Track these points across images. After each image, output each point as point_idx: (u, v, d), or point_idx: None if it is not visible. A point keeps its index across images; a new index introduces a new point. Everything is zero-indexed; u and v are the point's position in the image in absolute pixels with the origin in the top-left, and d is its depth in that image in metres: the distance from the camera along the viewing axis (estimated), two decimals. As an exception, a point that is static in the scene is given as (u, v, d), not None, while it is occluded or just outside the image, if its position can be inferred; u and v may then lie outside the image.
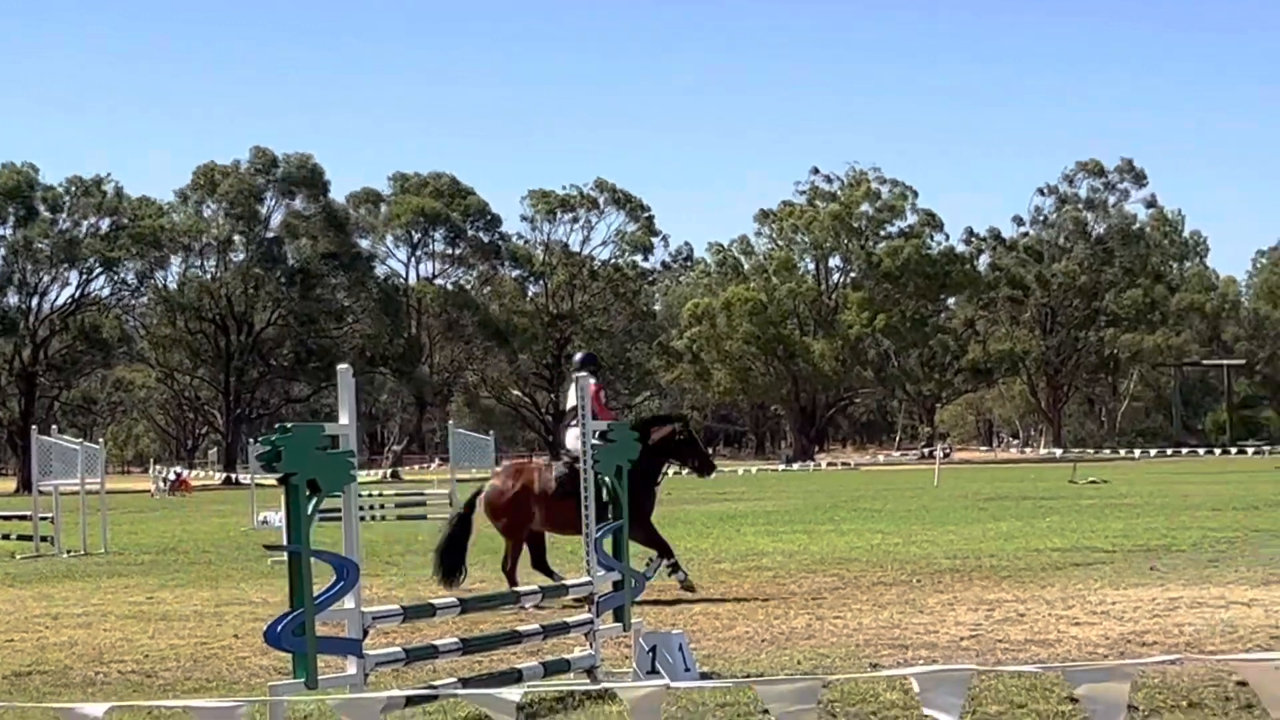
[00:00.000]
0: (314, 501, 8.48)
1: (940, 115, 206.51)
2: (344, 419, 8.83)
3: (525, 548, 18.08)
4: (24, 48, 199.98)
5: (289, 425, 8.51)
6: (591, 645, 10.83)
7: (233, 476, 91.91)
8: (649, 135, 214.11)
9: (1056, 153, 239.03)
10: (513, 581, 17.17)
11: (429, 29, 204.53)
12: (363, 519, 34.91)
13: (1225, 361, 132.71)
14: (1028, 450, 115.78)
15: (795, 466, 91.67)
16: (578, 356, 19.57)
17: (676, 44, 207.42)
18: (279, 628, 8.44)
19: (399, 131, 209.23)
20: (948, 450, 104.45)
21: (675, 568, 17.56)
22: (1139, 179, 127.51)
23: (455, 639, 10.23)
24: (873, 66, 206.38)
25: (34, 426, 34.29)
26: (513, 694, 6.44)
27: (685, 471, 19.11)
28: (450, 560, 17.70)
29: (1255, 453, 79.72)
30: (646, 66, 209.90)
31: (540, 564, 18.10)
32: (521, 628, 10.84)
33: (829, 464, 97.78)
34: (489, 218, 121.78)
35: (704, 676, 11.13)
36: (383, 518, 38.04)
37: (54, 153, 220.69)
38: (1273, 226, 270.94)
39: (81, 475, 29.82)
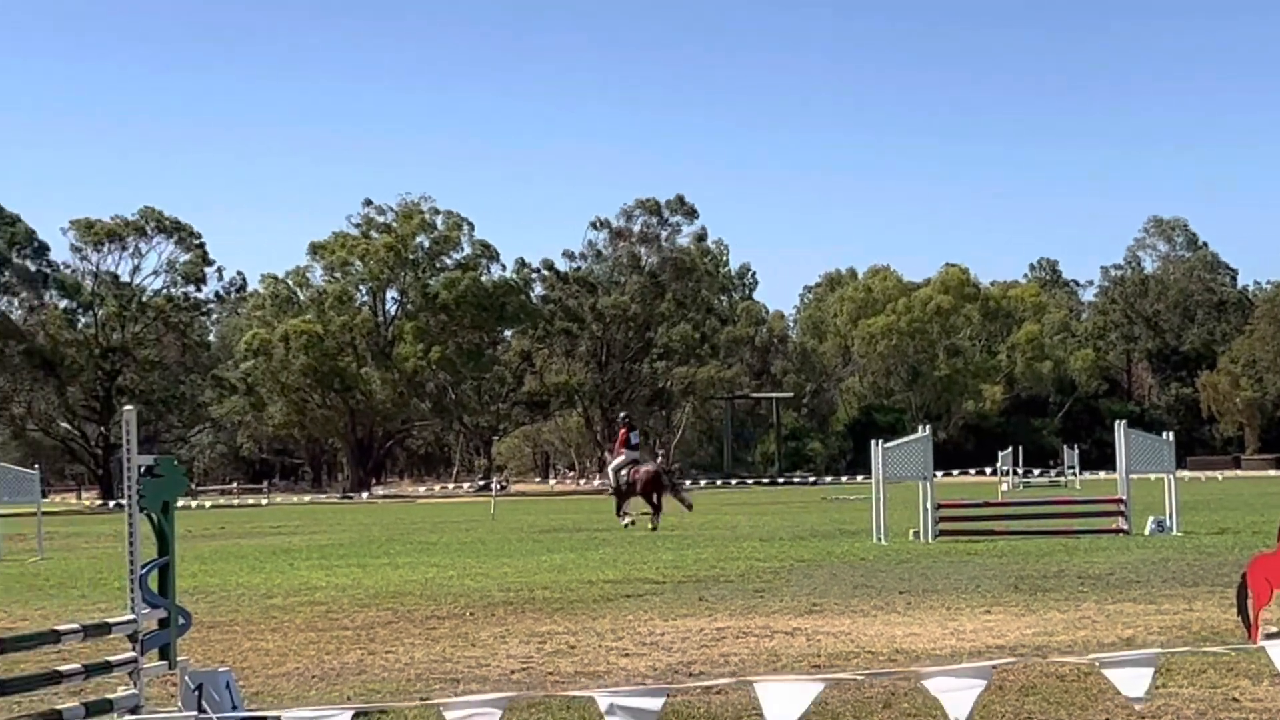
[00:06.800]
0: None
1: (486, 146, 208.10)
2: None
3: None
4: None
5: None
6: (136, 684, 10.56)
7: None
8: (200, 161, 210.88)
9: (607, 189, 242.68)
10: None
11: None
12: (-102, 557, 33.75)
13: (774, 394, 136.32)
14: (583, 482, 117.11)
15: (352, 499, 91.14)
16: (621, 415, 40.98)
17: (221, 68, 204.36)
18: None
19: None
20: (504, 483, 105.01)
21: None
22: (690, 214, 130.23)
23: (-9, 681, 9.86)
24: (424, 96, 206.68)
25: None
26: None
27: None
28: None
29: (802, 483, 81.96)
30: (191, 90, 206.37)
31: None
32: (63, 668, 10.51)
33: (386, 497, 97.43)
34: (36, 245, 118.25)
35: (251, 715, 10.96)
36: (-80, 555, 36.76)
37: None
38: (818, 263, 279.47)
39: None
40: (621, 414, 44.38)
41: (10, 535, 39.98)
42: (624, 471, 39.51)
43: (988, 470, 70.86)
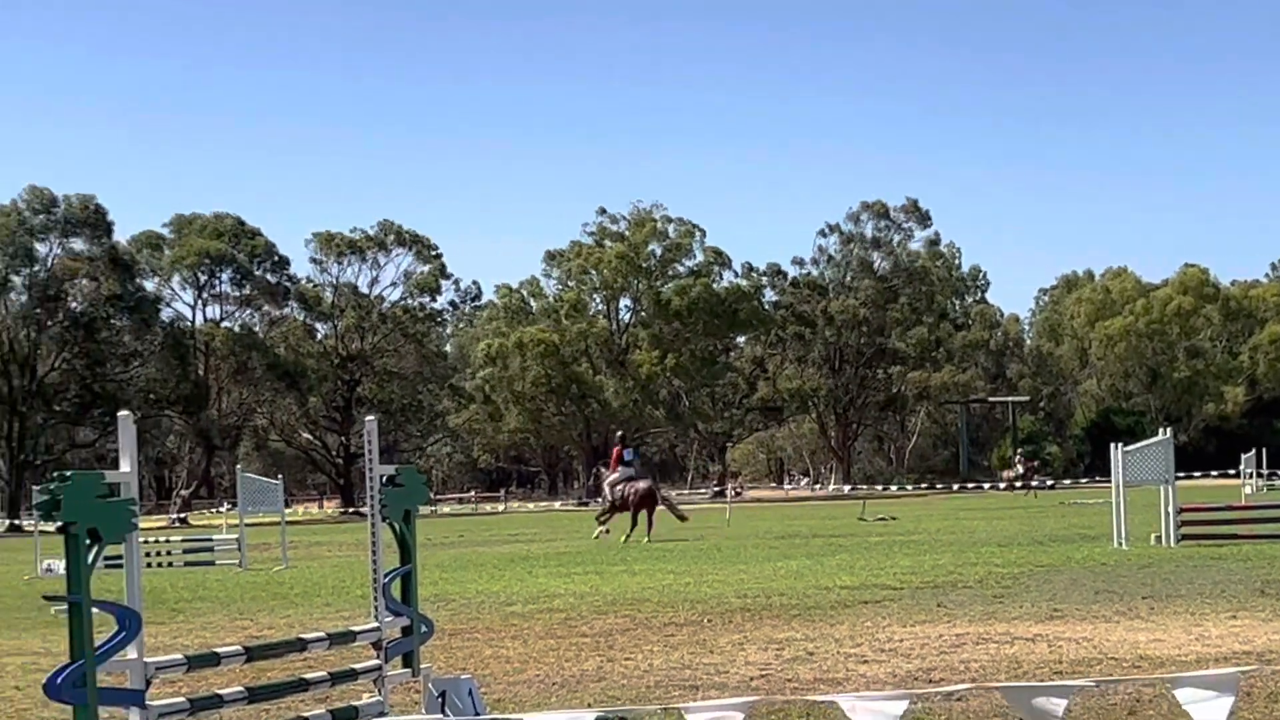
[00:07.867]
0: (95, 550, 8.30)
1: (722, 152, 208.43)
2: (125, 466, 8.67)
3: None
4: None
5: (68, 473, 8.33)
6: (380, 691, 10.71)
7: (17, 523, 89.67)
8: (435, 174, 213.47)
9: (832, 194, 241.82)
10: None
11: (207, 67, 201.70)
12: (149, 566, 34.59)
13: (1010, 398, 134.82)
14: (818, 488, 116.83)
15: (588, 506, 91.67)
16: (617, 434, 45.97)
17: (454, 82, 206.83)
18: (59, 679, 8.23)
19: (182, 172, 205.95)
20: (739, 489, 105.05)
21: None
22: (923, 219, 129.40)
23: (241, 688, 10.04)
24: (655, 103, 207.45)
25: None
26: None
27: None
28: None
29: (1040, 487, 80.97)
30: (426, 103, 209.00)
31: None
32: (309, 675, 10.69)
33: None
34: (276, 259, 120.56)
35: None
36: (170, 564, 37.66)
37: None
38: (1053, 265, 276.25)
39: None
40: (618, 433, 48.56)
41: (255, 545, 40.78)
42: (620, 488, 42.71)
43: (1230, 473, 69.43)
